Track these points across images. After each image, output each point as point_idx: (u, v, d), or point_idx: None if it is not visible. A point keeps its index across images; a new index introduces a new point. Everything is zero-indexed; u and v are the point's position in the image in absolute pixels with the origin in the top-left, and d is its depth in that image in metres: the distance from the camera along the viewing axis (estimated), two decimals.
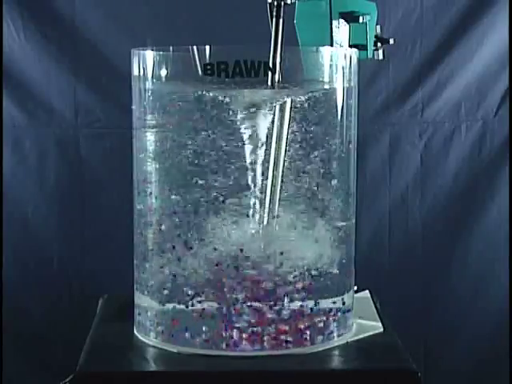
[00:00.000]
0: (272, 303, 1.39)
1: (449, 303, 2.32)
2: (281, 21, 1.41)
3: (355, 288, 1.51)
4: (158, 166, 1.41)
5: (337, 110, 1.41)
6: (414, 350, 1.43)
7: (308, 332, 1.40)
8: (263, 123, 1.37)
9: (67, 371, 1.33)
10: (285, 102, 1.37)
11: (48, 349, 2.26)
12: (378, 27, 1.49)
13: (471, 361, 2.33)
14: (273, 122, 1.37)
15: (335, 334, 1.43)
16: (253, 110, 1.36)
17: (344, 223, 1.44)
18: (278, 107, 1.37)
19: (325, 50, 1.41)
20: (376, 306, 1.59)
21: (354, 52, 1.43)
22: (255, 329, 1.38)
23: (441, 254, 2.31)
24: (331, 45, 1.46)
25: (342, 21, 1.46)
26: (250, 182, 1.37)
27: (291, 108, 1.37)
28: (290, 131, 1.38)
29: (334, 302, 1.43)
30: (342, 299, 1.44)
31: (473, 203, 2.30)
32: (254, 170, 1.37)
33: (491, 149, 2.28)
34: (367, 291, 1.64)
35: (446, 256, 2.31)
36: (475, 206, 2.30)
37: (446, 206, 2.29)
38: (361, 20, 1.45)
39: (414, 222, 2.30)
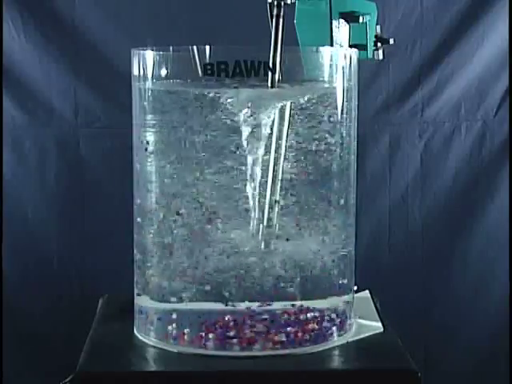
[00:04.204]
0: (272, 303, 1.39)
1: (449, 303, 2.33)
2: (281, 21, 1.41)
3: (355, 288, 1.51)
4: (157, 165, 1.41)
5: (337, 110, 1.40)
6: (414, 350, 1.43)
7: (308, 332, 1.40)
8: (263, 123, 1.36)
9: (67, 371, 1.32)
10: (285, 102, 1.36)
11: (48, 349, 2.26)
12: (378, 27, 1.49)
13: (471, 361, 2.33)
14: (273, 121, 1.37)
15: (335, 334, 1.43)
16: (253, 110, 1.35)
17: (344, 223, 1.43)
18: (278, 107, 1.37)
19: (325, 50, 1.41)
20: (376, 306, 1.59)
21: (354, 52, 1.43)
22: (255, 329, 1.38)
23: (441, 253, 2.31)
24: (331, 45, 1.46)
25: (342, 21, 1.46)
26: (250, 181, 1.37)
27: (291, 108, 1.37)
28: (289, 131, 1.37)
29: (334, 302, 1.43)
30: (342, 299, 1.44)
31: (473, 203, 2.30)
32: (254, 170, 1.37)
33: (491, 149, 2.29)
34: (367, 291, 1.64)
35: (445, 256, 2.32)
36: (475, 205, 2.30)
37: (446, 205, 2.29)
38: (361, 20, 1.45)
39: (413, 221, 2.30)
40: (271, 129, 1.37)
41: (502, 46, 2.23)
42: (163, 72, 1.38)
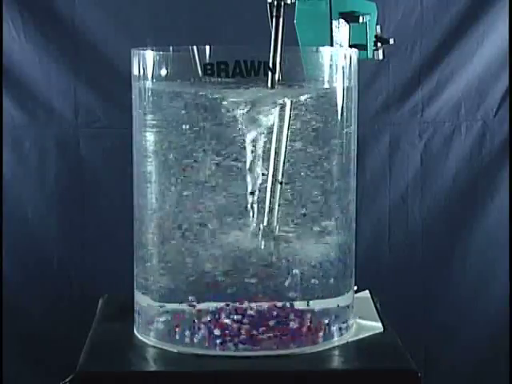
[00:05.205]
0: (272, 303, 1.38)
1: (449, 303, 2.32)
2: (281, 21, 1.40)
3: (355, 288, 1.51)
4: (157, 165, 1.41)
5: (337, 110, 1.40)
6: (414, 350, 1.43)
7: (308, 332, 1.39)
8: (263, 123, 1.36)
9: (67, 371, 1.32)
10: (285, 102, 1.36)
11: (48, 349, 2.26)
12: (378, 27, 1.49)
13: (471, 361, 2.33)
14: (273, 121, 1.37)
15: (335, 334, 1.43)
16: (253, 110, 1.35)
17: (344, 222, 1.43)
18: (278, 107, 1.36)
19: (325, 50, 1.41)
20: (376, 306, 1.59)
21: (354, 52, 1.43)
22: (255, 329, 1.37)
23: (441, 253, 2.31)
24: (331, 45, 1.45)
25: (342, 21, 1.46)
26: (250, 181, 1.37)
27: (291, 108, 1.37)
28: (290, 131, 1.37)
29: (334, 302, 1.43)
30: (342, 299, 1.44)
31: (473, 203, 2.30)
32: (254, 170, 1.36)
33: (491, 149, 2.28)
34: (367, 291, 1.64)
35: (445, 256, 2.31)
36: (475, 205, 2.30)
37: (446, 205, 2.29)
38: (361, 20, 1.45)
39: (413, 221, 2.30)
40: (271, 129, 1.37)
41: (502, 45, 2.23)
42: (163, 72, 1.37)
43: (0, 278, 2.22)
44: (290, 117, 1.37)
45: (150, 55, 1.39)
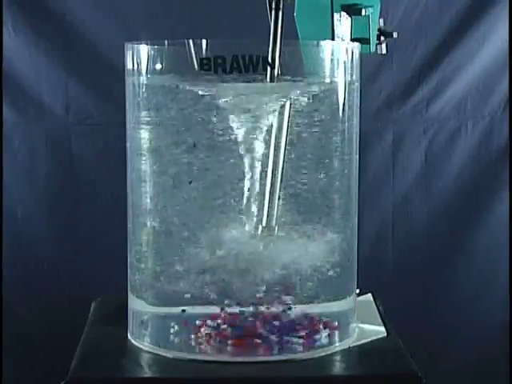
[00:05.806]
0: (272, 307, 1.35)
1: (451, 303, 2.31)
2: (280, 13, 1.37)
3: (358, 291, 1.47)
4: (152, 164, 1.37)
5: (338, 106, 1.37)
6: (415, 350, 1.42)
7: (309, 337, 1.36)
8: (262, 119, 1.33)
9: (65, 372, 1.30)
10: (284, 98, 1.32)
11: (46, 350, 2.24)
12: (382, 20, 1.46)
13: (472, 361, 2.32)
14: (272, 118, 1.33)
15: (337, 339, 1.39)
16: (251, 106, 1.32)
17: (346, 223, 1.40)
18: (277, 103, 1.32)
19: (326, 44, 1.37)
20: (379, 310, 1.56)
21: (356, 46, 1.39)
22: (253, 334, 1.34)
23: (444, 253, 2.29)
24: (332, 38, 1.42)
25: (343, 13, 1.43)
26: (248, 180, 1.34)
27: (291, 104, 1.33)
28: (289, 127, 1.34)
29: (336, 306, 1.40)
30: (344, 303, 1.41)
31: (477, 202, 2.27)
32: (252, 168, 1.33)
33: (497, 147, 2.26)
34: (370, 295, 1.61)
35: (449, 256, 2.29)
36: (480, 204, 2.28)
37: (450, 205, 2.27)
38: (363, 13, 1.42)
39: (417, 221, 2.27)
40: (270, 125, 1.33)
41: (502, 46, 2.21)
42: (158, 67, 1.34)
43: (0, 278, 2.20)
44: (289, 113, 1.34)
45: (144, 49, 1.35)
